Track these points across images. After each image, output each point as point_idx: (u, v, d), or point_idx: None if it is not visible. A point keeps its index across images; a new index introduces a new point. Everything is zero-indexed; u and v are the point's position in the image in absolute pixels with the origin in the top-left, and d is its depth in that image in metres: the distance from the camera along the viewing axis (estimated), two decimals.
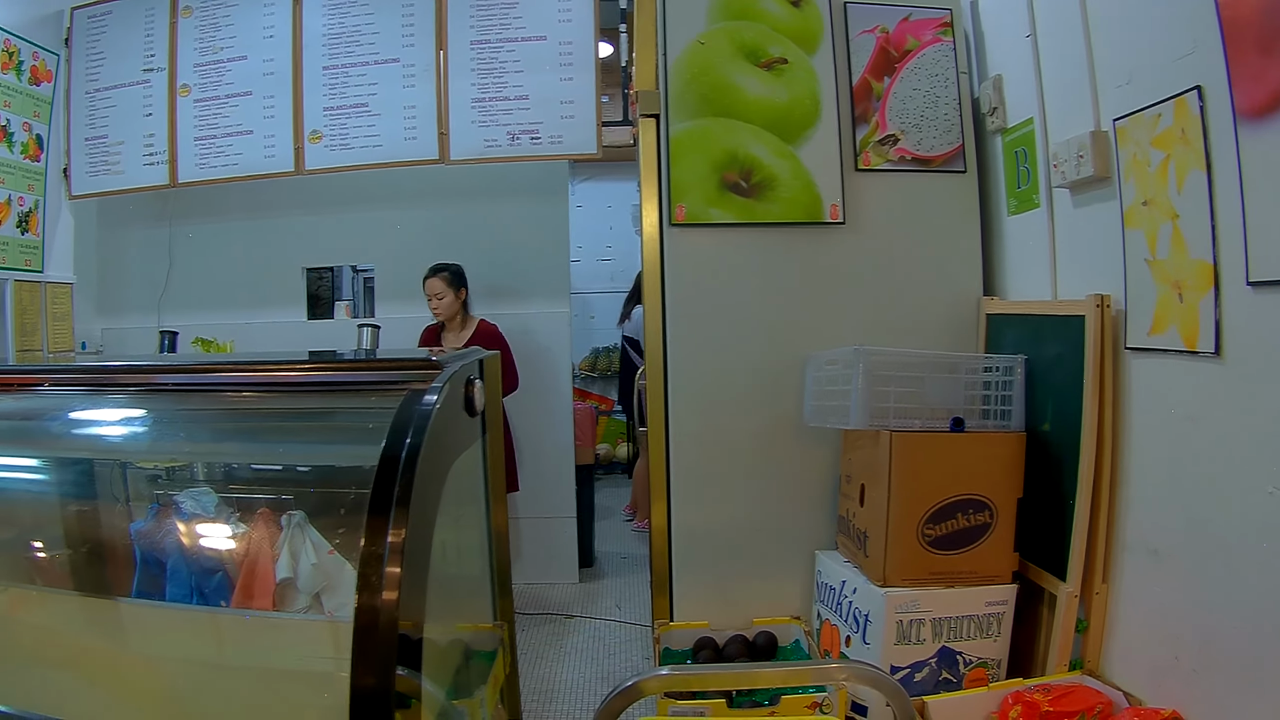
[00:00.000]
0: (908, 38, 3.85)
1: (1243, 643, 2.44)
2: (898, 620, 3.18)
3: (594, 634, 5.02)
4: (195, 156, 5.66)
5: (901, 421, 3.27)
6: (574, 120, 5.24)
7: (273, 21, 5.59)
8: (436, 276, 5.23)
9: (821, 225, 3.78)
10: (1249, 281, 2.39)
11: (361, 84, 5.45)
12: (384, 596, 1.36)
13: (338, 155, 5.46)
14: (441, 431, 1.62)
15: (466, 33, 5.34)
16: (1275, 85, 2.27)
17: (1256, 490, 2.38)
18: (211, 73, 5.67)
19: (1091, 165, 3.03)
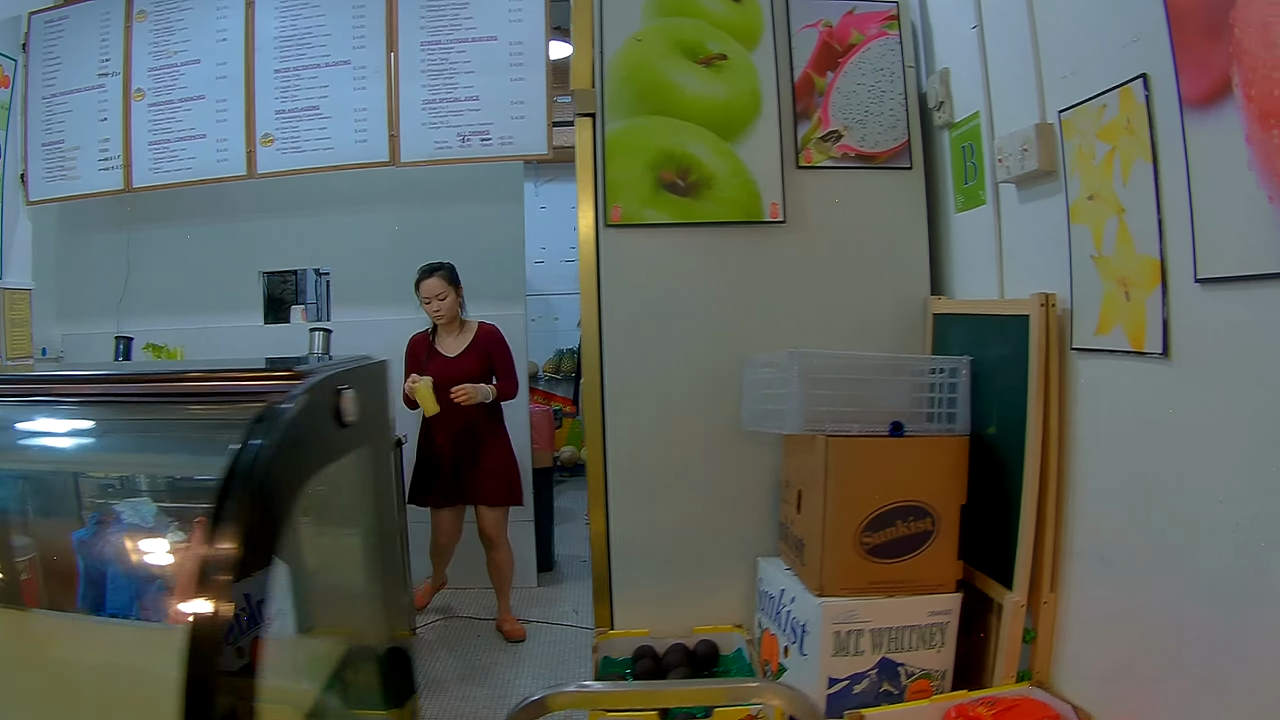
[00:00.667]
0: (852, 32, 3.62)
1: (1195, 654, 2.25)
2: (835, 631, 2.97)
3: (551, 639, 4.80)
4: (149, 161, 5.42)
5: (839, 426, 3.04)
6: (525, 121, 5.00)
7: (225, 25, 5.35)
8: (434, 276, 4.70)
9: (761, 224, 3.56)
10: (1197, 278, 2.20)
11: (313, 86, 5.22)
12: (210, 610, 1.25)
13: (289, 158, 5.22)
14: (292, 444, 1.47)
15: (417, 34, 5.11)
16: (1221, 71, 2.07)
17: (1207, 498, 2.20)
18: (165, 77, 5.43)
19: (1036, 159, 2.82)
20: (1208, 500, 2.19)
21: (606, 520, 3.59)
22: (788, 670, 3.15)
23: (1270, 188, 1.93)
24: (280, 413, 1.48)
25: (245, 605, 1.32)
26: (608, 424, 3.57)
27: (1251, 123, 1.98)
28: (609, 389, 3.57)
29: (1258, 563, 2.04)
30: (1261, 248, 1.97)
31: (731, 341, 3.54)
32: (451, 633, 4.90)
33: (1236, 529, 2.10)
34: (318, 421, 1.63)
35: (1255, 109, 1.97)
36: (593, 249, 3.56)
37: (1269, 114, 1.93)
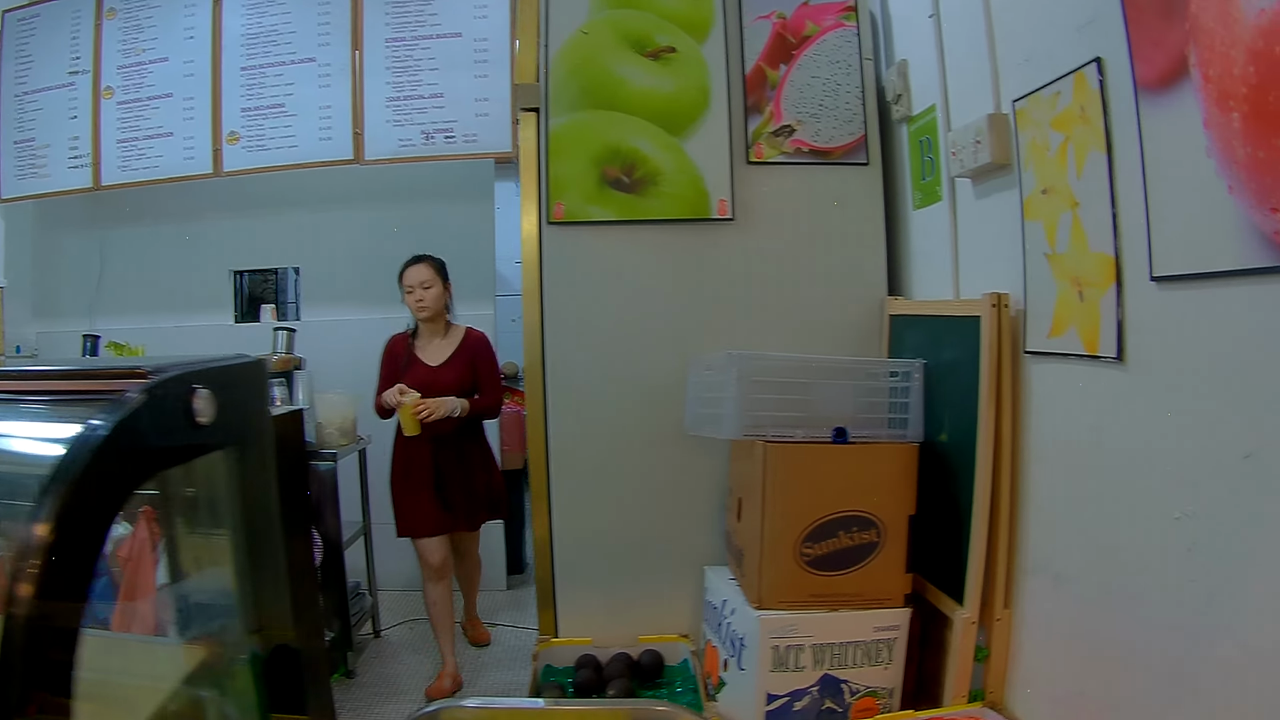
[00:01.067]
0: (807, 23, 3.37)
1: (1151, 681, 2.01)
2: (774, 645, 2.73)
3: (517, 642, 4.62)
4: (118, 159, 5.26)
5: (781, 431, 2.80)
6: (489, 119, 4.81)
7: (193, 22, 5.18)
8: (422, 263, 4.14)
9: (709, 222, 3.31)
10: (1153, 276, 1.95)
11: (278, 84, 5.04)
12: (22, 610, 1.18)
13: (255, 156, 5.04)
14: (125, 444, 1.41)
15: (382, 30, 4.92)
16: (1177, 51, 1.83)
17: (1162, 513, 1.95)
18: (134, 74, 5.27)
19: (989, 151, 2.57)
20: (1163, 517, 1.95)
21: (550, 525, 3.35)
22: (727, 685, 2.92)
23: (1229, 176, 1.70)
24: (116, 412, 1.40)
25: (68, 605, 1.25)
26: (550, 427, 3.34)
27: (1209, 105, 1.74)
28: (551, 391, 3.33)
29: (1215, 587, 1.81)
30: (1220, 243, 1.73)
31: (679, 343, 3.30)
32: (418, 635, 4.71)
33: (1193, 549, 1.87)
34: (163, 421, 1.54)
35: (1213, 90, 1.73)
36: (536, 247, 3.31)
37: (1227, 95, 1.69)
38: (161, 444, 1.56)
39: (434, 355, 4.15)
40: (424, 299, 4.07)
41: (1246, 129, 1.65)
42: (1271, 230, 1.60)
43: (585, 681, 3.15)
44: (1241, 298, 1.71)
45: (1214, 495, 1.81)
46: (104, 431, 1.34)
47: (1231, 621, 1.77)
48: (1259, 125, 1.62)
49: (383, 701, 3.97)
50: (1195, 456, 1.86)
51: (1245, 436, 1.72)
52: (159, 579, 2.07)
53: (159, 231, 5.62)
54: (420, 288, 4.07)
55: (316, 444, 4.27)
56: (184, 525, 2.03)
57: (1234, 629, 1.76)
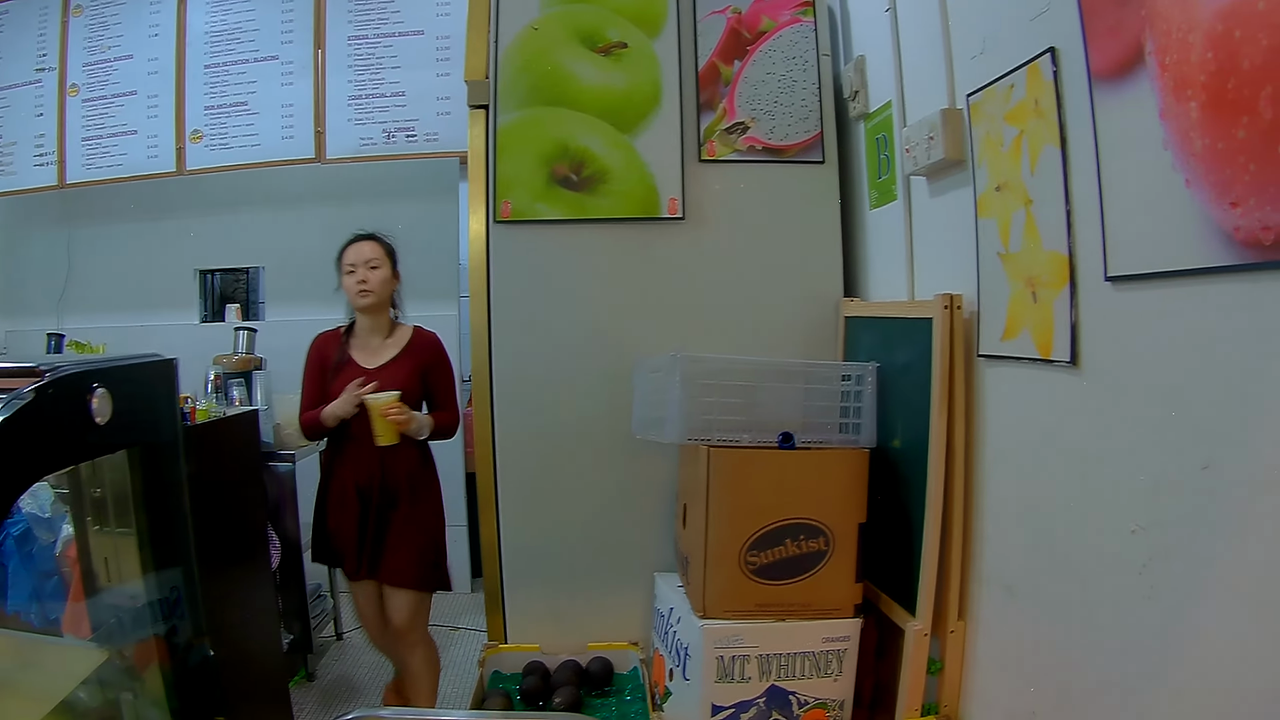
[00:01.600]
0: (762, 18, 3.18)
1: (1101, 696, 1.85)
2: (718, 655, 2.55)
3: (478, 645, 4.34)
4: (82, 157, 5.12)
5: (728, 435, 2.62)
6: (451, 117, 4.67)
7: (159, 20, 5.04)
8: (369, 240, 3.43)
9: (659, 221, 3.11)
10: (1108, 276, 1.77)
11: (241, 82, 4.90)
12: None
13: (217, 155, 4.89)
14: (15, 443, 1.39)
15: (344, 28, 4.77)
16: (1133, 38, 1.66)
17: (1117, 526, 1.78)
18: (99, 72, 5.12)
19: (942, 147, 2.40)
20: (1118, 530, 1.78)
21: (498, 529, 3.15)
22: (672, 695, 2.74)
23: (1188, 170, 1.53)
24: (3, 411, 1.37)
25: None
26: (497, 429, 3.14)
27: (1166, 95, 1.57)
28: (498, 392, 3.14)
29: (1171, 604, 1.64)
30: (1178, 240, 1.56)
31: (629, 344, 3.10)
32: None
33: (1149, 565, 1.69)
34: (56, 420, 1.52)
35: (1170, 78, 1.56)
36: (483, 247, 3.11)
37: (1185, 83, 1.52)
38: (54, 443, 1.52)
39: (372, 357, 3.45)
40: (368, 280, 3.33)
41: (1205, 119, 1.48)
42: (1231, 226, 1.43)
43: (532, 689, 2.97)
44: (1200, 298, 1.55)
45: (1171, 507, 1.64)
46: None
47: (1190, 640, 1.61)
48: (1218, 115, 1.45)
49: (343, 704, 3.82)
50: (1152, 467, 1.69)
51: (1203, 446, 1.55)
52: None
53: (125, 230, 5.45)
54: (365, 267, 3.35)
55: (275, 445, 4.09)
56: (94, 525, 1.98)
57: (1192, 647, 1.60)
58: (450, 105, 4.66)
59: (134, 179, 5.03)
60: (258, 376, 4.31)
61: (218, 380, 4.19)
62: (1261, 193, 1.38)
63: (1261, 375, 1.43)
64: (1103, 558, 1.84)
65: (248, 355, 4.43)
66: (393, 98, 4.71)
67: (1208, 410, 1.55)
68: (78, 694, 1.79)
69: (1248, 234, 1.41)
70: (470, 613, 4.85)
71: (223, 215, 5.35)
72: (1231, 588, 1.50)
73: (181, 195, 5.24)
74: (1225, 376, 1.50)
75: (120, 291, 5.45)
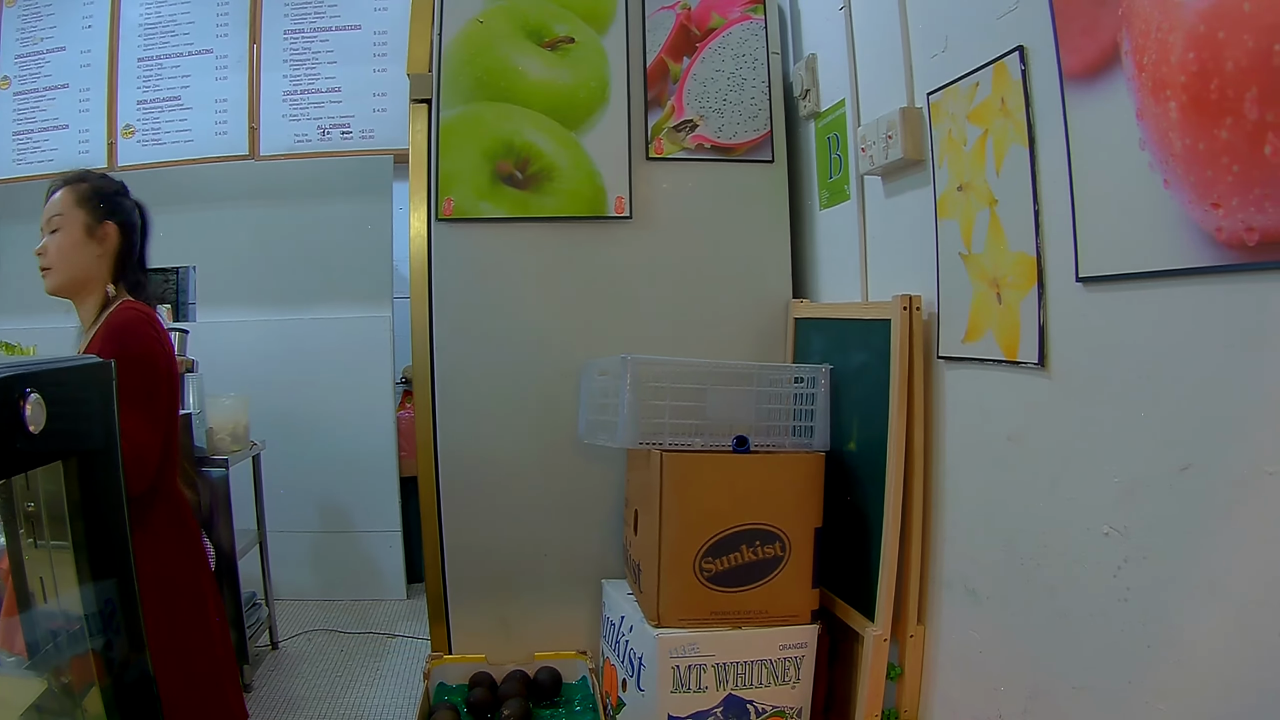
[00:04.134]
0: (712, 15, 3.10)
1: (1073, 700, 1.80)
2: (673, 665, 2.46)
3: (415, 653, 4.27)
4: (13, 151, 4.85)
5: (679, 440, 2.53)
6: (387, 114, 4.51)
7: (92, 10, 4.80)
8: (60, 189, 2.20)
9: (606, 220, 3.02)
10: (1079, 278, 1.73)
11: (175, 76, 4.68)
12: None
13: (149, 151, 4.67)
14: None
15: (280, 22, 4.59)
16: (1109, 38, 1.61)
17: (1088, 528, 1.73)
18: (31, 64, 4.86)
19: (901, 146, 2.34)
20: (1089, 533, 1.73)
21: (440, 535, 3.04)
22: (626, 705, 2.64)
23: (1166, 170, 1.47)
24: None
25: None
26: (439, 433, 3.03)
27: (1143, 95, 1.52)
28: (440, 395, 3.02)
29: (1147, 607, 1.60)
30: (1155, 241, 1.51)
31: (575, 346, 3.02)
32: (316, 647, 4.39)
33: (1122, 568, 1.64)
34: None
35: (1148, 79, 1.51)
36: (424, 245, 3.00)
37: (1164, 84, 1.47)
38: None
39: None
40: (45, 253, 2.17)
41: (1185, 120, 1.43)
42: (1213, 227, 1.38)
43: (479, 700, 2.86)
44: (1178, 299, 1.50)
45: (1147, 510, 1.59)
46: None
47: (1166, 643, 1.56)
48: (1199, 115, 1.40)
49: (281, 715, 3.67)
50: (1127, 468, 1.64)
51: (1182, 448, 1.50)
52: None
53: None
54: (46, 231, 2.18)
55: (207, 450, 3.94)
56: (27, 540, 1.71)
57: (1169, 650, 1.55)
58: (387, 102, 4.52)
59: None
60: (189, 379, 4.14)
61: None
62: (1245, 194, 1.33)
63: (1243, 376, 1.38)
64: (1074, 560, 1.79)
65: (179, 357, 4.27)
66: (328, 94, 4.54)
67: (1186, 411, 1.49)
68: None
69: (1230, 235, 1.36)
70: (406, 619, 4.72)
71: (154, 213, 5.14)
72: (1210, 590, 1.44)
73: None
74: (1204, 377, 1.45)
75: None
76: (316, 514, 4.91)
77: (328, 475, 4.85)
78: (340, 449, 4.86)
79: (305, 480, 4.82)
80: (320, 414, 4.80)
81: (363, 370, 4.88)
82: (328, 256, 4.85)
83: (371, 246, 4.87)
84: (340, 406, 4.79)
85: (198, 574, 2.23)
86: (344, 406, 4.80)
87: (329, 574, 4.91)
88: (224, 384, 4.20)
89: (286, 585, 4.75)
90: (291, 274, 4.85)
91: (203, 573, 2.27)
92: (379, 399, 4.90)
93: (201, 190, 4.92)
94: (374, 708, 3.71)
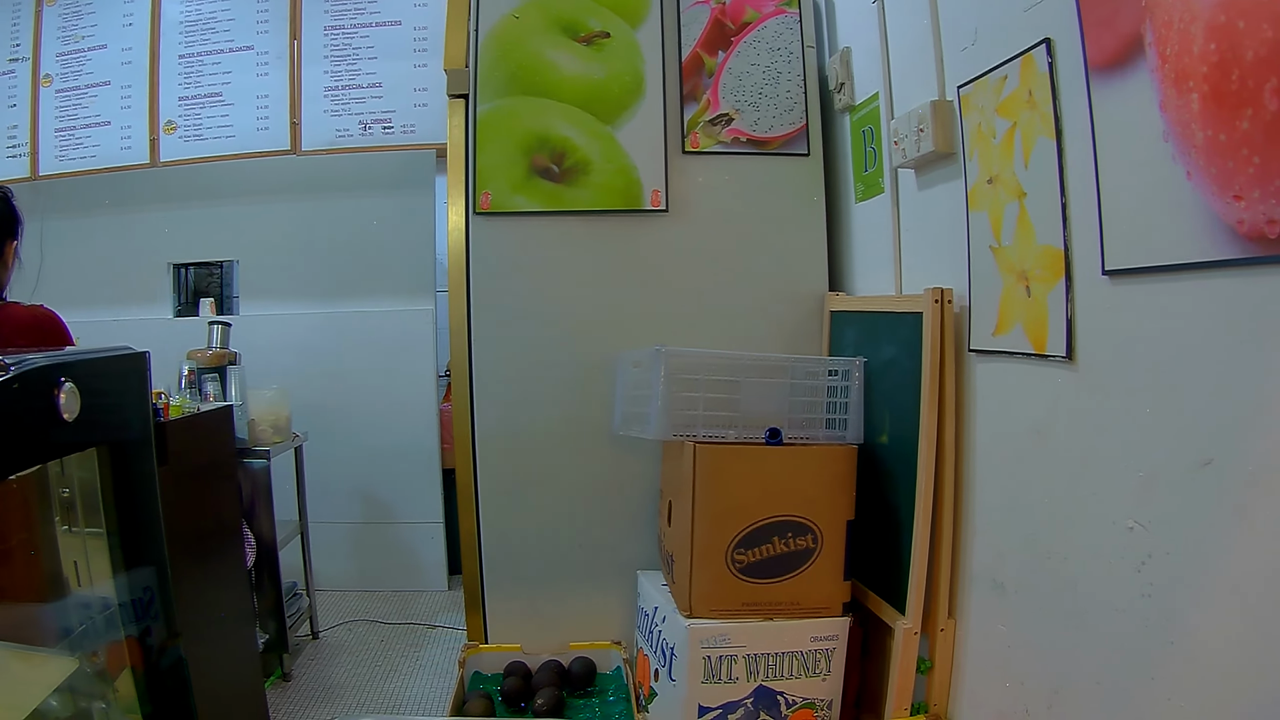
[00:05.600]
0: (746, 9, 3.14)
1: (1096, 695, 1.81)
2: (705, 656, 2.50)
3: (454, 644, 4.32)
4: (55, 148, 4.99)
5: (712, 432, 2.57)
6: (428, 109, 4.58)
7: (132, 9, 4.91)
8: None
9: (642, 213, 3.07)
10: (1105, 270, 1.74)
11: (216, 72, 4.78)
12: None
13: (191, 146, 4.78)
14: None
15: (320, 18, 4.67)
16: (1132, 29, 1.62)
17: (1112, 522, 1.75)
18: (73, 62, 4.98)
19: (932, 140, 2.36)
20: (1114, 528, 1.74)
21: (478, 526, 3.10)
22: (658, 696, 2.69)
23: (1188, 162, 1.49)
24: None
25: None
26: (477, 424, 3.09)
27: (1166, 86, 1.54)
28: (478, 387, 3.08)
29: (1168, 604, 1.61)
30: (1178, 233, 1.52)
31: (611, 338, 3.07)
32: (357, 637, 4.46)
33: (1146, 563, 1.66)
34: (21, 418, 1.39)
35: (1170, 70, 1.53)
36: (462, 239, 3.07)
37: (1185, 75, 1.49)
38: (19, 442, 1.39)
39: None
40: None
41: (1206, 111, 1.45)
42: (1234, 219, 1.40)
43: (513, 690, 2.92)
44: (1201, 292, 1.51)
45: (1170, 505, 1.61)
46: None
47: (1188, 638, 1.57)
48: (1220, 107, 1.42)
49: (320, 704, 3.74)
50: (1150, 463, 1.66)
51: (1205, 442, 1.52)
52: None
53: (98, 223, 5.30)
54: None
55: (249, 441, 4.02)
56: (60, 526, 1.82)
57: (1191, 646, 1.57)
58: (428, 97, 4.59)
59: (107, 171, 4.93)
60: (232, 371, 4.23)
61: (191, 375, 4.11)
62: (1266, 185, 1.35)
63: (1264, 370, 1.39)
64: (1098, 555, 1.80)
65: (222, 350, 4.35)
66: (369, 89, 4.62)
67: (1208, 406, 1.51)
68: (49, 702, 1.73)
69: (1251, 227, 1.37)
70: (447, 610, 4.79)
71: (196, 208, 5.23)
72: (1233, 586, 1.46)
73: (154, 187, 5.11)
74: (1226, 371, 1.47)
75: (92, 285, 5.30)
76: (359, 505, 5.00)
77: (370, 467, 4.94)
78: (382, 441, 4.94)
79: (347, 471, 4.92)
80: (362, 406, 4.89)
81: (405, 362, 4.95)
82: (370, 250, 4.93)
83: (414, 240, 4.94)
84: (382, 398, 4.87)
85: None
86: (386, 398, 4.88)
87: (370, 565, 5.01)
88: (266, 377, 4.29)
89: (328, 576, 4.85)
90: (334, 267, 4.94)
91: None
92: (421, 391, 4.97)
93: (243, 185, 5.01)
94: (412, 697, 3.77)
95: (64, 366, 1.49)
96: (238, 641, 3.24)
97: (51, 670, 1.81)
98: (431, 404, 4.99)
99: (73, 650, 1.88)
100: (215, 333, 4.40)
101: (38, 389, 1.42)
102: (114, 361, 1.71)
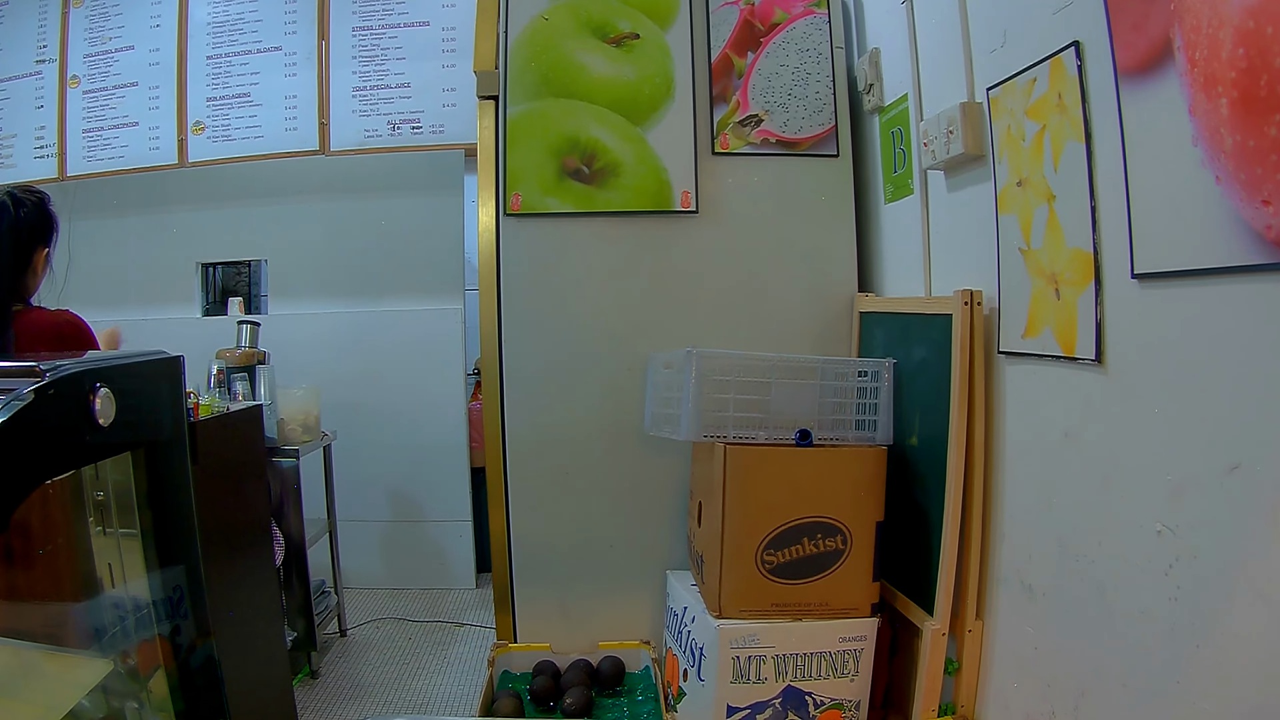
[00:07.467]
0: (775, 10, 3.17)
1: (1123, 698, 1.84)
2: (734, 656, 2.55)
3: (482, 642, 4.40)
4: (83, 149, 5.08)
5: (742, 432, 2.61)
6: (456, 109, 4.65)
7: (160, 10, 5.00)
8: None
9: (672, 214, 3.11)
10: (1134, 274, 1.77)
11: (244, 73, 4.87)
12: None
13: (220, 147, 4.87)
14: (14, 447, 1.26)
15: (349, 19, 4.74)
16: (1161, 33, 1.65)
17: (1140, 526, 1.78)
18: (100, 63, 5.07)
19: (961, 142, 2.39)
20: (1142, 531, 1.77)
21: (507, 525, 3.16)
22: (687, 695, 2.74)
23: (1217, 167, 1.52)
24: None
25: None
26: (507, 424, 3.14)
27: (1195, 91, 1.57)
28: (509, 386, 3.14)
29: (1196, 607, 1.64)
30: (1208, 238, 1.55)
31: (641, 339, 3.11)
32: (384, 634, 4.53)
33: (1174, 566, 1.69)
34: (57, 422, 1.40)
35: (1199, 74, 1.56)
36: (493, 240, 3.12)
37: (1214, 79, 1.52)
38: (55, 447, 1.41)
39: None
40: None
41: (1235, 116, 1.48)
42: (1263, 225, 1.43)
43: (542, 689, 2.97)
44: (1229, 297, 1.54)
45: (1198, 509, 1.63)
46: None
47: (1215, 643, 1.60)
48: (1249, 112, 1.45)
49: (347, 702, 3.80)
50: (1178, 467, 1.68)
51: (1232, 447, 1.55)
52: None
53: (126, 223, 5.39)
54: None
55: (278, 440, 4.08)
56: (95, 529, 1.82)
57: (1218, 651, 1.59)
58: (456, 97, 4.65)
59: (135, 171, 5.02)
60: (261, 371, 4.29)
61: (220, 375, 4.17)
62: None
63: None
64: (1126, 558, 1.83)
65: (251, 349, 4.41)
66: (398, 89, 4.69)
67: (1236, 410, 1.54)
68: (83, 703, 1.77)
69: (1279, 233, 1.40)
70: (475, 608, 4.85)
71: (225, 208, 5.31)
72: (1261, 591, 1.49)
73: (183, 187, 5.20)
74: (1254, 376, 1.50)
75: (121, 284, 5.39)
76: (387, 503, 5.07)
77: (399, 465, 5.02)
78: (412, 439, 5.02)
79: (376, 470, 5.00)
80: (391, 405, 4.97)
81: (434, 362, 5.03)
82: (399, 249, 5.00)
83: (442, 239, 5.02)
84: (411, 397, 4.95)
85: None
86: (415, 397, 4.96)
87: (399, 563, 5.09)
88: (295, 376, 4.35)
89: (357, 574, 4.92)
90: (363, 267, 5.03)
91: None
92: (450, 390, 5.04)
93: (272, 185, 5.08)
94: (440, 695, 3.84)
95: (99, 372, 1.52)
96: (266, 639, 3.29)
97: (86, 672, 1.85)
98: (460, 403, 5.05)
99: (106, 651, 1.92)
100: (244, 332, 4.46)
101: (74, 395, 1.44)
102: (148, 366, 1.73)
